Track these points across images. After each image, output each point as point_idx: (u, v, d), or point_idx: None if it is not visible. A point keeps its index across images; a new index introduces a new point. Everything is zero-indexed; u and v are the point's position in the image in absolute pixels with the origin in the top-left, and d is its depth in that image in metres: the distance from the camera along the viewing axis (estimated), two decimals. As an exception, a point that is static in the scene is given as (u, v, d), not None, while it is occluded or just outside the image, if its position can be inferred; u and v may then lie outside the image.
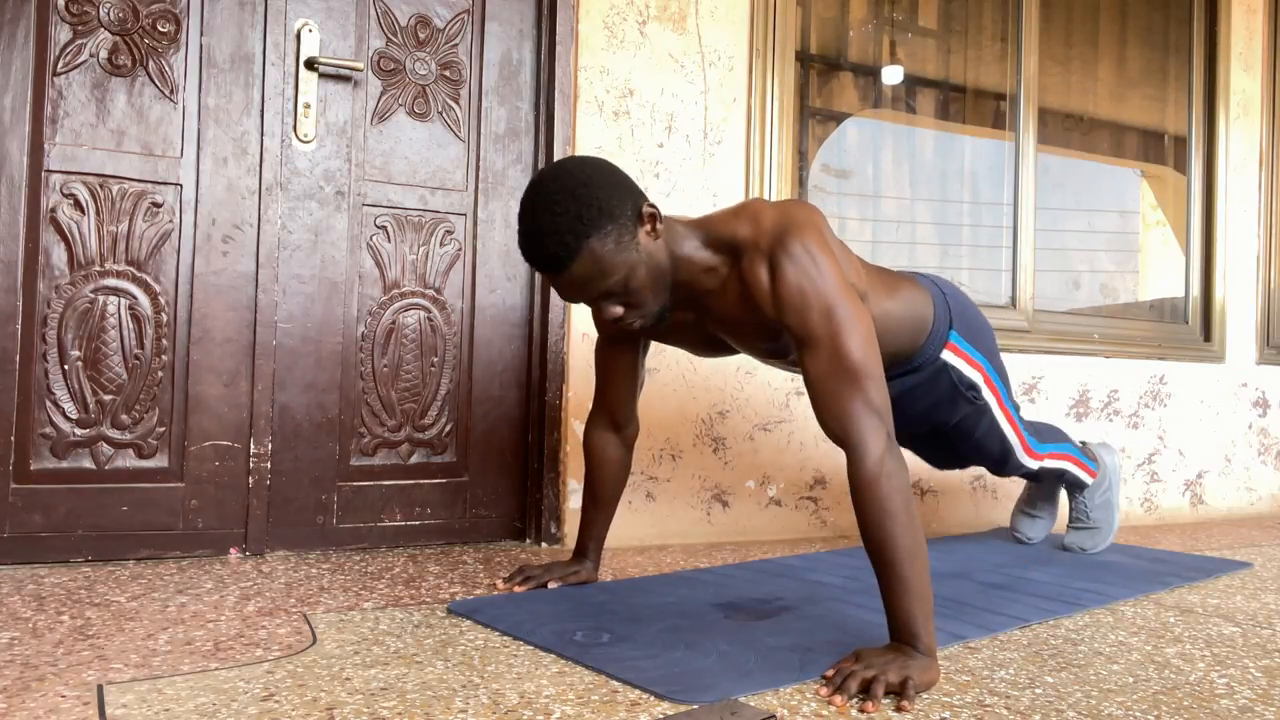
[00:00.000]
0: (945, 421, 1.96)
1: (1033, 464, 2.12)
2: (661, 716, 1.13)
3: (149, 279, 2.05)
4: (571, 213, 1.36)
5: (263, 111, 2.13)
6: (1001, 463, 2.10)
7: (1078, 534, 2.38)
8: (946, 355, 1.84)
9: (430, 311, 2.31)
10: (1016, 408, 2.06)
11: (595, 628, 1.50)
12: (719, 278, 1.52)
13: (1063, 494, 2.47)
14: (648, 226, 1.44)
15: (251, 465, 2.11)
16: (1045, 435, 2.19)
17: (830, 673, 1.27)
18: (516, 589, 1.77)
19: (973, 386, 1.89)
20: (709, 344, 1.70)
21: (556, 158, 2.34)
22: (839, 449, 1.39)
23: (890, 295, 1.73)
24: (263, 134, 2.13)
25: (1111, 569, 2.18)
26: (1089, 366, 3.12)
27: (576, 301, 1.48)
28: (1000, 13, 3.16)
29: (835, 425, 1.37)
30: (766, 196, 2.58)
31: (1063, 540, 2.41)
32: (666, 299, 1.52)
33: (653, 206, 1.45)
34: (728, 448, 2.51)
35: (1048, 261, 3.25)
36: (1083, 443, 2.37)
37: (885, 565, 1.30)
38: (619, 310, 1.46)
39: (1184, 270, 3.49)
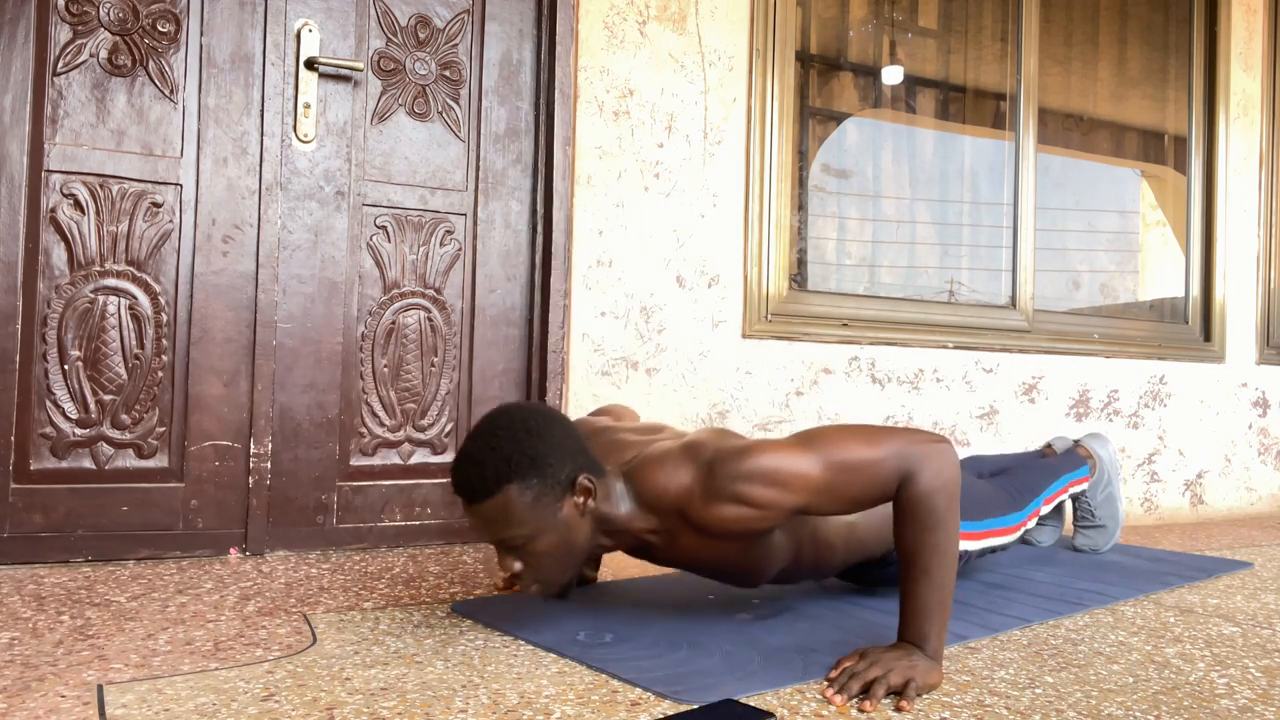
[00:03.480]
0: None
1: (1027, 526, 2.06)
2: (661, 716, 1.13)
3: (149, 279, 2.04)
4: (503, 452, 1.33)
5: (263, 111, 2.13)
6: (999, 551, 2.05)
7: (1086, 534, 2.38)
8: None
9: (430, 311, 2.31)
10: (994, 509, 1.94)
11: (597, 627, 1.50)
12: (666, 532, 1.44)
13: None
14: (579, 499, 1.38)
15: (251, 465, 2.11)
16: (1034, 486, 2.11)
17: (835, 673, 1.27)
18: (517, 589, 1.77)
19: (963, 554, 1.82)
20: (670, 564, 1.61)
21: (557, 158, 2.34)
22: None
23: None
24: (263, 134, 2.13)
25: (1112, 569, 2.18)
26: (1089, 366, 3.12)
27: (481, 537, 1.42)
28: (1000, 13, 3.16)
29: (890, 495, 1.32)
30: (766, 196, 2.58)
31: (1073, 542, 2.41)
32: (573, 575, 1.47)
33: (591, 482, 1.39)
34: (728, 448, 2.50)
35: (1048, 261, 3.25)
36: (1075, 441, 2.36)
37: (916, 562, 1.28)
38: (516, 566, 1.39)
39: (1184, 270, 3.49)
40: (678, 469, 1.39)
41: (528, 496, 1.34)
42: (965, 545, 1.83)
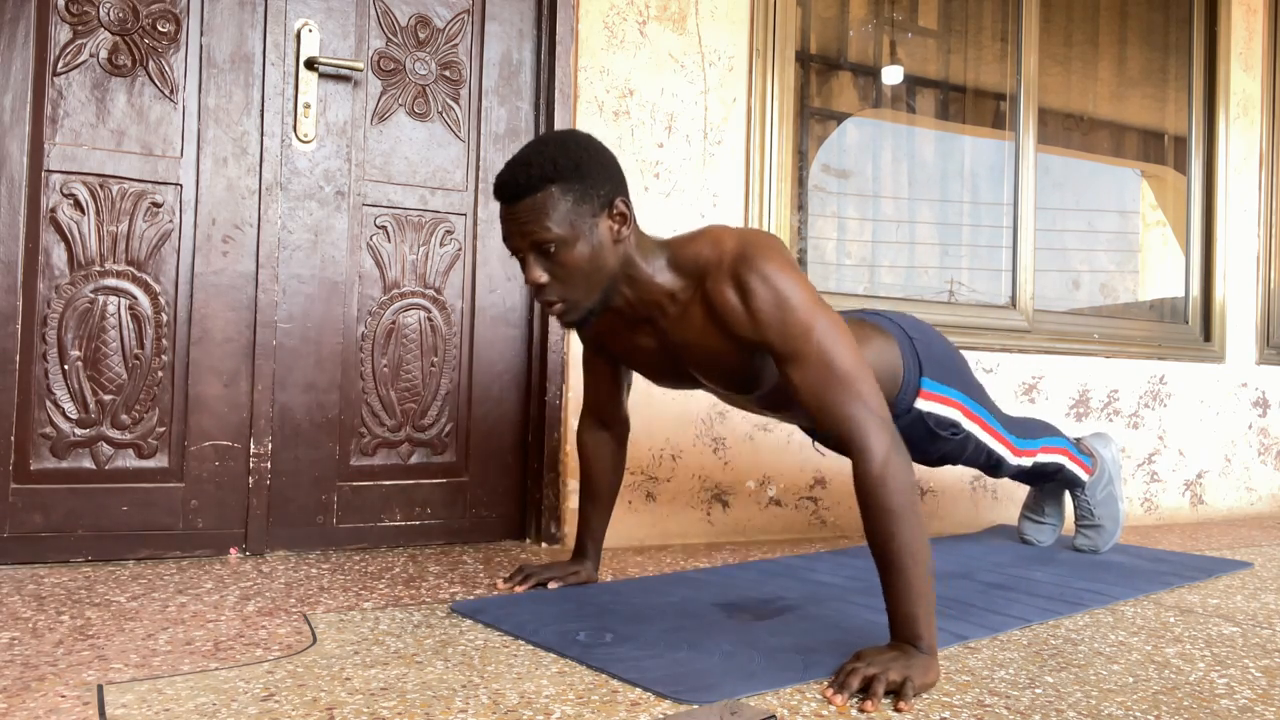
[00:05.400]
0: (928, 454, 1.94)
1: (1025, 461, 2.11)
2: (661, 716, 1.13)
3: (149, 279, 2.04)
4: (550, 155, 1.41)
5: (263, 111, 2.13)
6: (993, 469, 2.09)
7: (1085, 534, 2.37)
8: (920, 404, 1.81)
9: (430, 311, 2.31)
10: (997, 416, 2.02)
11: (598, 628, 1.50)
12: (682, 302, 1.51)
13: (1067, 494, 2.46)
14: (614, 225, 1.45)
15: (251, 465, 2.11)
16: (1032, 430, 2.17)
17: (834, 677, 1.27)
18: (517, 589, 1.77)
19: (952, 424, 1.88)
20: (670, 372, 1.66)
21: (556, 157, 2.34)
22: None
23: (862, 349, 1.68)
24: (263, 134, 2.13)
25: (1112, 569, 2.18)
26: (1089, 366, 3.12)
27: (514, 242, 1.44)
28: (1000, 13, 3.16)
29: (837, 433, 1.36)
30: (766, 196, 2.58)
31: (1072, 542, 2.41)
32: (597, 301, 1.49)
33: (627, 207, 1.46)
34: (728, 448, 2.51)
35: (1048, 261, 3.25)
36: (1077, 439, 2.36)
37: (888, 564, 1.30)
38: (543, 277, 1.43)
39: (1184, 270, 3.49)
40: (720, 240, 1.47)
41: (567, 200, 1.40)
42: (963, 404, 1.88)
